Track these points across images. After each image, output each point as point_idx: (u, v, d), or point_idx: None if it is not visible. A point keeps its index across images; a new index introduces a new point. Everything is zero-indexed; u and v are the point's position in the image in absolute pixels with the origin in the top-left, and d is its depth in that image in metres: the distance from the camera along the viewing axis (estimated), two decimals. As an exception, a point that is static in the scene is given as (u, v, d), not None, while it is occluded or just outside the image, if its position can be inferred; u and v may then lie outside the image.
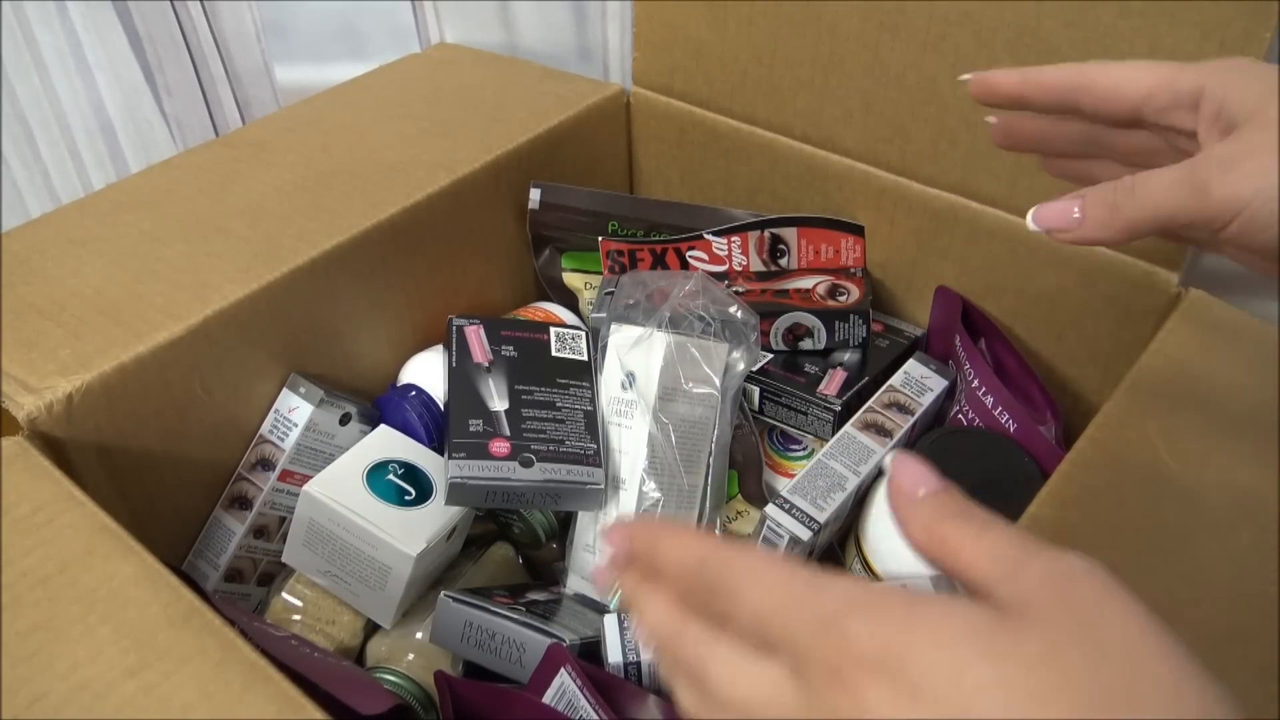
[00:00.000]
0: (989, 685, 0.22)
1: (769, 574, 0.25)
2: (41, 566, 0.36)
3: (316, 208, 0.55)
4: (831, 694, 0.23)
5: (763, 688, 0.24)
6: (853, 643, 0.23)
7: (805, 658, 0.23)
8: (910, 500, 0.28)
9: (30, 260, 0.51)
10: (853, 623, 0.23)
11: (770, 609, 0.24)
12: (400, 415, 0.56)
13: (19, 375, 0.44)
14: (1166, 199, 0.32)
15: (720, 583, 0.25)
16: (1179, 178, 0.32)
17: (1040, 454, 0.49)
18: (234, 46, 0.84)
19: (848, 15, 0.56)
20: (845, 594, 0.24)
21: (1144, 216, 0.33)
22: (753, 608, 0.24)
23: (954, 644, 0.22)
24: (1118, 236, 0.34)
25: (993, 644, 0.22)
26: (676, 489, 0.51)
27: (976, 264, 0.57)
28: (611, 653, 0.44)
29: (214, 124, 0.89)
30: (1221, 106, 0.32)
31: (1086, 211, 0.34)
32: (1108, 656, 0.22)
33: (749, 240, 0.60)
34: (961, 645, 0.22)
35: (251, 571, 0.55)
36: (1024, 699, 0.21)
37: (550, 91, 0.67)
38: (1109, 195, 0.33)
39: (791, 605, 0.24)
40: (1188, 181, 0.31)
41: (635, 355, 0.53)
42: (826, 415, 0.55)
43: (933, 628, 0.23)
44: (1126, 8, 0.47)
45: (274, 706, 0.31)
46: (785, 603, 0.24)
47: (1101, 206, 0.34)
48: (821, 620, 0.23)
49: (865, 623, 0.23)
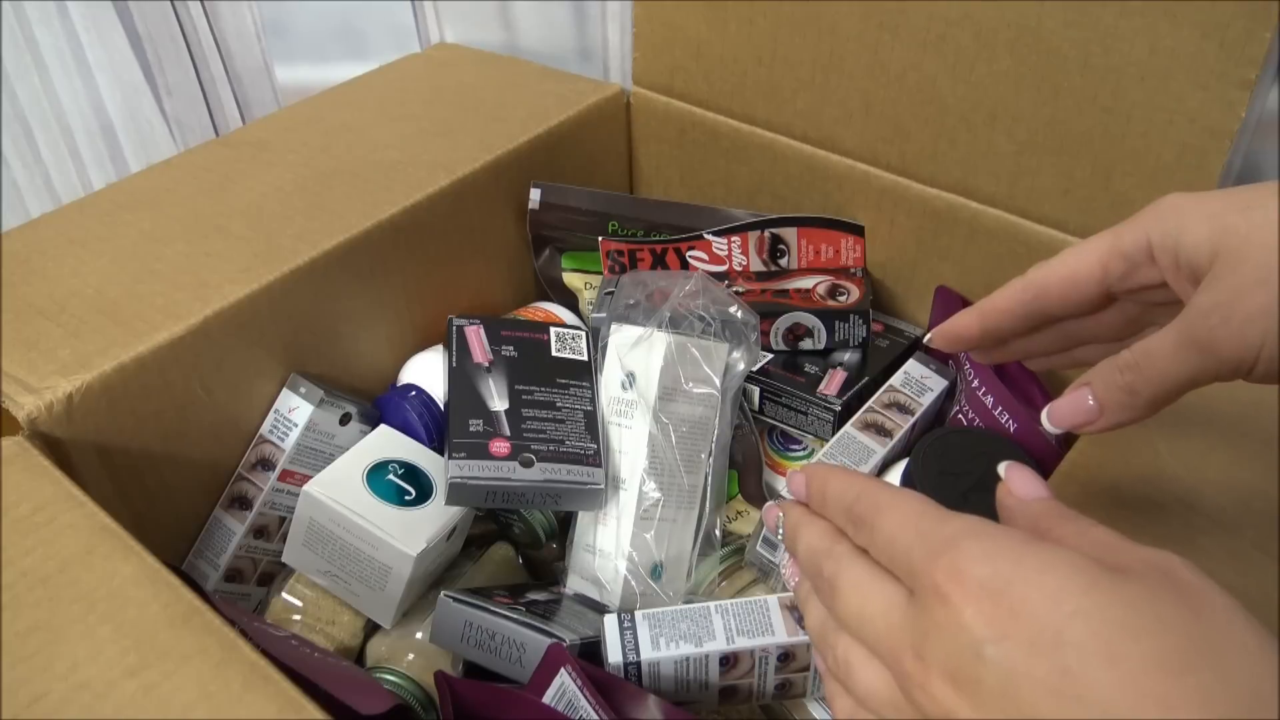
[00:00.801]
0: (1086, 611, 0.23)
1: (904, 506, 0.28)
2: (41, 566, 0.36)
3: (316, 208, 0.55)
4: (935, 612, 0.25)
5: (877, 604, 0.27)
6: (964, 565, 0.24)
7: (920, 581, 0.25)
8: (1022, 501, 0.29)
9: (30, 260, 0.51)
10: (968, 547, 0.25)
11: (897, 536, 0.27)
12: (400, 415, 0.56)
13: (19, 375, 0.44)
14: (1179, 369, 0.31)
15: (865, 514, 0.29)
16: (1179, 343, 0.31)
17: (1040, 454, 0.49)
18: (234, 46, 0.84)
19: (848, 15, 0.56)
20: (967, 524, 0.26)
21: (1164, 390, 0.32)
22: (886, 535, 0.27)
23: (1060, 574, 0.24)
24: (1145, 415, 0.33)
25: (1096, 581, 0.23)
26: (676, 489, 0.51)
27: (976, 264, 0.57)
28: (611, 653, 0.44)
29: (214, 124, 0.89)
30: (1177, 254, 0.32)
31: (1102, 401, 0.33)
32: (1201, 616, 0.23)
33: (749, 240, 0.60)
34: (1067, 577, 0.24)
35: (251, 571, 0.55)
36: (1116, 630, 0.22)
37: (550, 91, 0.67)
38: (1119, 379, 0.32)
39: (915, 533, 0.26)
40: (1190, 345, 0.31)
41: (635, 355, 0.53)
42: (826, 415, 0.55)
43: (1043, 558, 0.24)
44: (1126, 8, 0.47)
45: (274, 706, 0.31)
46: (911, 531, 0.27)
47: (1118, 392, 0.32)
48: (940, 545, 0.25)
49: (979, 547, 0.25)
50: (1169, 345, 0.31)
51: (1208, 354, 0.30)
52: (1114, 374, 0.32)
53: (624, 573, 0.50)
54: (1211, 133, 0.47)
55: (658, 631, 0.44)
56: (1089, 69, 0.49)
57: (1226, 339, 0.30)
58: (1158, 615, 0.23)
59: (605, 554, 0.51)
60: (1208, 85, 0.46)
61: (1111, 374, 0.32)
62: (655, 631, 0.44)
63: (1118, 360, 0.32)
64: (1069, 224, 0.53)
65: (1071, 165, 0.52)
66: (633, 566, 0.50)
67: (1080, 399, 0.33)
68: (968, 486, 0.47)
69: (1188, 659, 0.22)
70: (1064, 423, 0.34)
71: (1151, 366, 0.32)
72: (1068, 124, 0.51)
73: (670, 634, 0.44)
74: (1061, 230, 0.53)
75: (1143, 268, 0.33)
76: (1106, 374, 0.33)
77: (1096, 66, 0.49)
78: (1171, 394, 0.32)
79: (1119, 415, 0.33)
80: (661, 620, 0.44)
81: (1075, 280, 0.35)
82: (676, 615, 0.44)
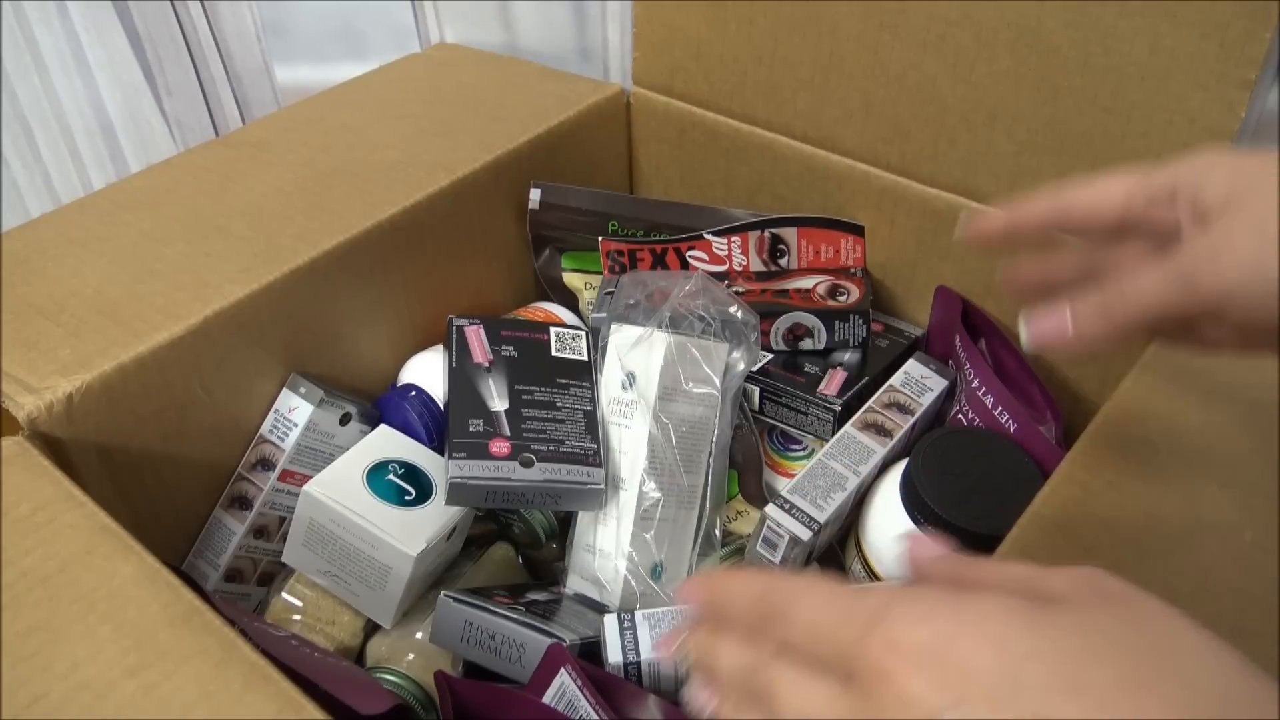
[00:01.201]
0: (1037, 651, 0.22)
1: (816, 589, 0.26)
2: (41, 566, 0.36)
3: (316, 208, 0.55)
4: (881, 692, 0.23)
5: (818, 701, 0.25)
6: (899, 635, 0.23)
7: (856, 663, 0.24)
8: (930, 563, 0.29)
9: (30, 260, 0.51)
10: (898, 613, 0.24)
11: (819, 620, 0.25)
12: (400, 415, 0.56)
13: (19, 375, 0.44)
14: (1156, 296, 0.32)
15: (776, 607, 0.27)
16: (1166, 273, 0.32)
17: (1040, 454, 0.49)
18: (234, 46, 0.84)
19: (848, 15, 0.56)
20: (887, 595, 0.25)
21: (1136, 317, 0.33)
22: (805, 627, 0.26)
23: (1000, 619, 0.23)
24: (1111, 338, 0.34)
25: (1036, 619, 0.23)
26: (676, 489, 0.51)
27: (976, 264, 0.57)
28: (611, 653, 0.44)
29: (214, 124, 0.89)
30: (1195, 198, 0.33)
31: (1077, 320, 0.34)
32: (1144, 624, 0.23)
33: (749, 240, 0.60)
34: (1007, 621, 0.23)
35: (251, 571, 0.55)
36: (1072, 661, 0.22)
37: (550, 91, 0.67)
38: (1097, 302, 0.34)
39: (838, 613, 0.25)
40: (1175, 276, 0.32)
41: (635, 355, 0.53)
42: (826, 415, 0.55)
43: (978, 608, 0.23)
44: (1126, 8, 0.47)
45: (274, 706, 0.31)
46: (832, 612, 0.25)
47: (1092, 314, 0.34)
48: (868, 619, 0.24)
49: (911, 611, 0.24)
50: (1155, 275, 0.32)
51: (1187, 287, 0.31)
52: (1093, 296, 0.34)
53: (624, 573, 0.50)
54: (1211, 133, 0.47)
55: (658, 632, 0.44)
56: (1089, 69, 0.49)
57: (1208, 274, 0.31)
58: (1106, 636, 0.22)
59: (605, 554, 0.51)
60: (1208, 85, 0.46)
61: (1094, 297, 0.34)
62: (655, 632, 0.44)
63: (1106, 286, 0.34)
64: (1069, 224, 0.53)
65: (1071, 165, 0.52)
66: (633, 566, 0.50)
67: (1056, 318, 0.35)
68: (968, 486, 0.47)
69: (1149, 673, 0.22)
70: (1039, 340, 0.35)
71: (1133, 291, 0.33)
72: (1068, 124, 0.51)
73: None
74: (1061, 230, 0.53)
75: (1161, 207, 0.34)
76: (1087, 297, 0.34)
77: (1096, 66, 0.49)
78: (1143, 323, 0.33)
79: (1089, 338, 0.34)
80: (661, 620, 0.44)
81: (1097, 203, 0.36)
82: (676, 615, 0.44)
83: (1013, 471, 0.48)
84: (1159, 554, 0.38)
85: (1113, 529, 0.38)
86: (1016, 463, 0.49)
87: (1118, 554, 0.37)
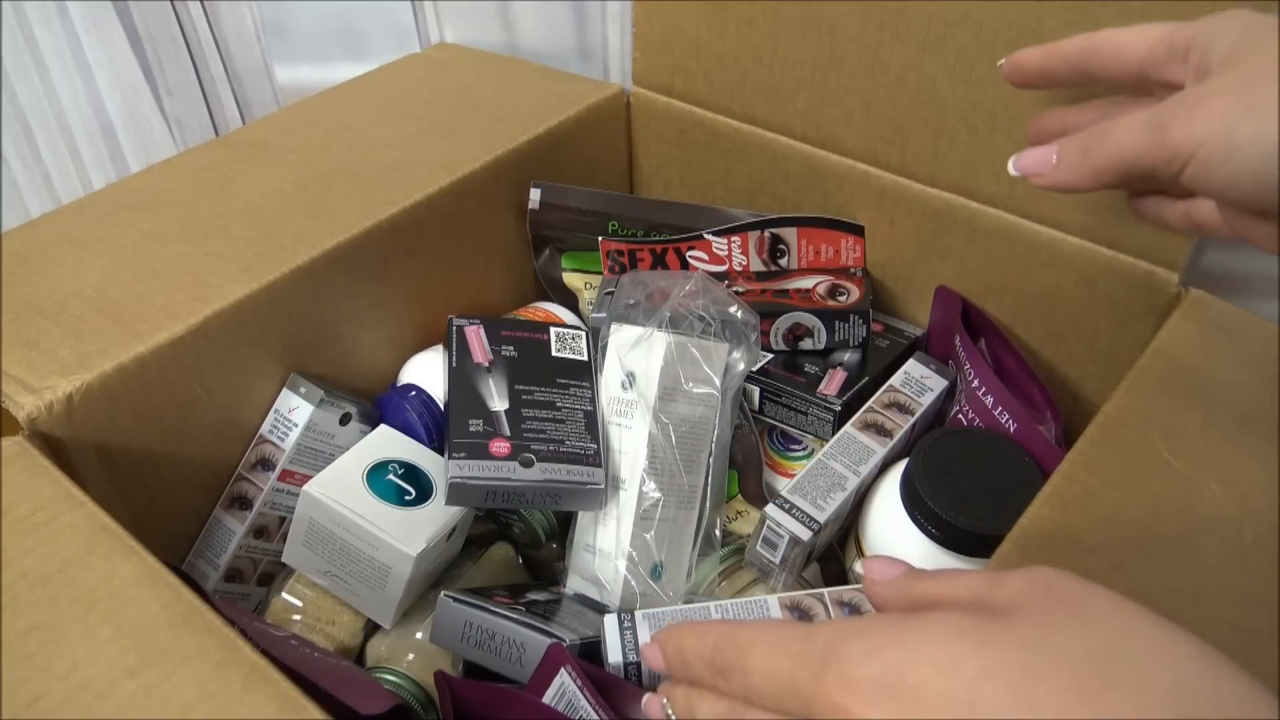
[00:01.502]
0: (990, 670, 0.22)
1: (765, 636, 0.26)
2: (41, 566, 0.36)
3: (316, 208, 0.55)
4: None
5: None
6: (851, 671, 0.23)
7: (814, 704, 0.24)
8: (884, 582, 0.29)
9: (30, 260, 0.51)
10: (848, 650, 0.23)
11: (773, 668, 0.25)
12: (400, 415, 0.56)
13: (19, 375, 0.44)
14: (1130, 141, 0.32)
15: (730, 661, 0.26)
16: (1145, 119, 0.31)
17: (1040, 454, 0.49)
18: (234, 46, 0.84)
19: (848, 15, 0.56)
20: (835, 629, 0.24)
21: (1110, 160, 0.32)
22: (761, 672, 0.25)
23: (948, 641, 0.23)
24: (1087, 181, 0.34)
25: (985, 636, 0.23)
26: (676, 489, 0.51)
27: (976, 264, 0.57)
28: (611, 653, 0.44)
29: (214, 124, 0.89)
30: (1204, 55, 0.32)
31: (1061, 156, 0.34)
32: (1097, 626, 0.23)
33: (749, 240, 0.60)
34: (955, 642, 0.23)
35: (251, 571, 0.55)
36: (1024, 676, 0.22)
37: (550, 91, 0.67)
38: (1082, 139, 0.34)
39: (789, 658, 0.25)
40: (1152, 122, 0.31)
41: (635, 355, 0.53)
42: (826, 415, 0.55)
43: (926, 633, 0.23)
44: (1126, 8, 0.47)
45: (274, 706, 0.31)
46: (783, 657, 0.25)
47: (1074, 151, 0.34)
48: (819, 659, 0.24)
49: (859, 646, 0.23)
50: (1134, 119, 0.32)
51: (1158, 134, 0.31)
52: (1083, 136, 0.34)
53: (624, 573, 0.50)
54: (1211, 133, 0.47)
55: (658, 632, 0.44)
56: (1089, 69, 0.49)
57: (1179, 125, 0.30)
58: (1058, 645, 0.22)
59: (605, 554, 0.51)
60: (1208, 85, 0.46)
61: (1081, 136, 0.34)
62: (655, 632, 0.44)
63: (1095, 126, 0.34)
64: (1069, 224, 0.53)
65: (1071, 165, 0.52)
66: (633, 566, 0.50)
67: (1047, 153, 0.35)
68: (968, 486, 0.47)
69: (1103, 678, 0.21)
70: (1024, 168, 0.36)
71: (1112, 132, 0.32)
72: (1068, 124, 0.51)
73: (670, 634, 0.44)
74: (1062, 230, 0.53)
75: (1177, 64, 0.34)
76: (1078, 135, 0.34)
77: (1096, 66, 0.49)
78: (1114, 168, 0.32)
79: (1067, 174, 0.34)
80: (661, 620, 0.44)
81: (1123, 51, 0.35)
82: (676, 615, 0.44)
83: (1013, 471, 0.48)
84: (1159, 554, 0.38)
85: (1113, 529, 0.38)
86: (1016, 463, 0.49)
87: (1118, 554, 0.38)
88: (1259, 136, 0.29)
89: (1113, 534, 0.38)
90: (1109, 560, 0.37)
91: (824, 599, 0.45)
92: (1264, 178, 0.29)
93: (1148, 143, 0.31)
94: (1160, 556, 0.37)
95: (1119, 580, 0.36)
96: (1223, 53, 0.31)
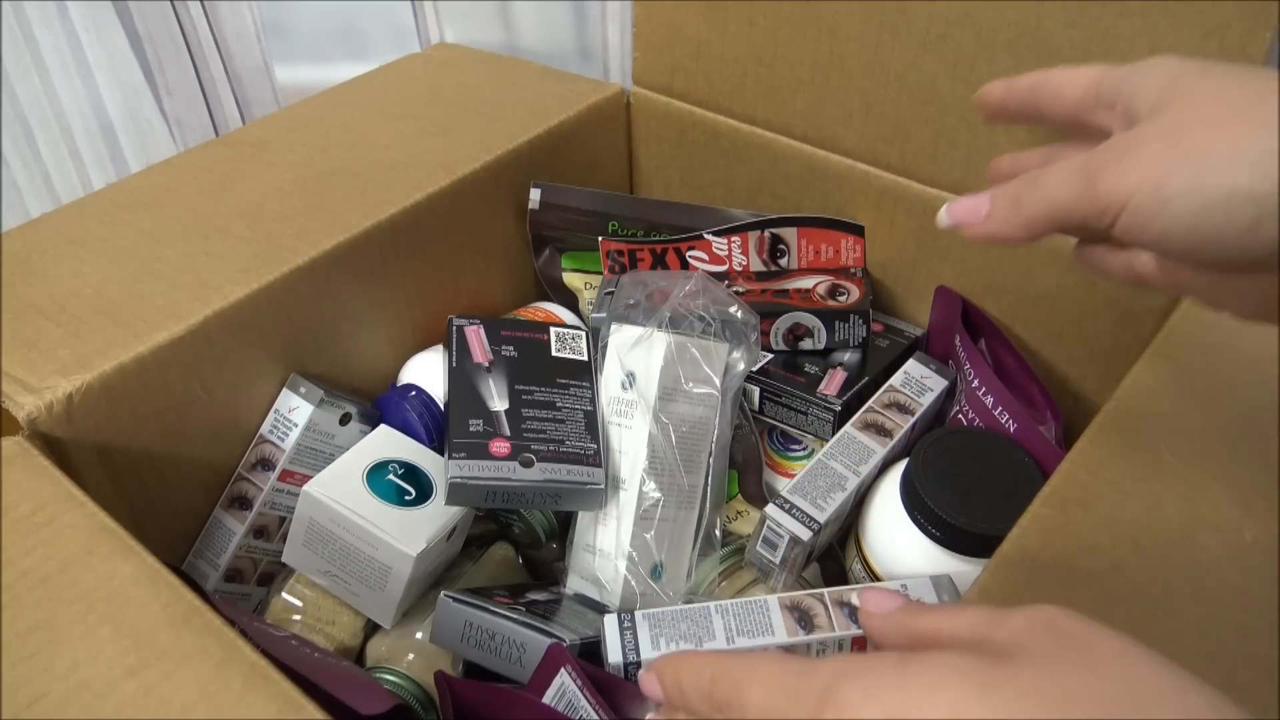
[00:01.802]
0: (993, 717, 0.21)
1: (763, 672, 0.25)
2: (41, 566, 0.36)
3: (316, 208, 0.55)
4: None
5: None
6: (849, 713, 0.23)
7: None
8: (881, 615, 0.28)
9: (30, 260, 0.51)
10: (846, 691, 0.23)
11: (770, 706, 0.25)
12: (400, 415, 0.56)
13: (19, 375, 0.44)
14: (1060, 191, 0.30)
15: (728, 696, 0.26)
16: (1074, 169, 0.30)
17: (1040, 454, 0.49)
18: (234, 46, 0.84)
19: (848, 15, 0.56)
20: (835, 668, 0.24)
21: (1040, 211, 0.31)
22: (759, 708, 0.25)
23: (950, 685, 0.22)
24: (1019, 232, 0.32)
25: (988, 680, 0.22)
26: (676, 489, 0.51)
27: (976, 264, 0.57)
28: (611, 653, 0.44)
29: (214, 124, 0.89)
30: (1130, 102, 0.31)
31: (993, 206, 0.33)
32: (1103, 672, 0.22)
33: (749, 240, 0.60)
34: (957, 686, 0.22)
35: (251, 571, 0.55)
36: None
37: (550, 91, 0.67)
38: (1013, 188, 0.32)
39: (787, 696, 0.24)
40: (1081, 172, 0.30)
41: (635, 355, 0.53)
42: (826, 415, 0.55)
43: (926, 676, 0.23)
44: (1126, 8, 0.47)
45: (274, 706, 0.31)
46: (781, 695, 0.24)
47: (1005, 201, 0.32)
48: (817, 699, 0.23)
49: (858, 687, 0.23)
50: (1064, 168, 0.30)
51: (1087, 185, 0.29)
52: (1014, 185, 0.32)
53: (624, 573, 0.50)
54: (1211, 133, 0.47)
55: (658, 632, 0.44)
56: (1089, 69, 0.49)
57: (1108, 175, 0.29)
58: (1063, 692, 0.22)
59: (605, 554, 0.51)
60: (1208, 85, 0.46)
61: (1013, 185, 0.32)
62: (655, 632, 0.44)
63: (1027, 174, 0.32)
64: (1069, 224, 0.53)
65: (1071, 165, 0.52)
66: (633, 566, 0.50)
67: (978, 199, 0.33)
68: (968, 486, 0.47)
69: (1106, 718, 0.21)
70: (956, 218, 0.34)
71: (1043, 181, 0.31)
72: (1068, 124, 0.51)
73: (670, 634, 0.44)
74: (1061, 230, 0.53)
75: (1104, 110, 0.33)
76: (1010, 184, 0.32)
77: (1096, 66, 0.49)
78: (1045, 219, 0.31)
79: (999, 225, 0.32)
80: (661, 620, 0.44)
81: (1061, 89, 0.34)
82: (676, 615, 0.44)
83: (1013, 471, 0.48)
84: (1159, 554, 0.38)
85: (1113, 529, 0.38)
86: (1016, 463, 0.49)
87: (1118, 554, 0.38)
88: (1191, 188, 0.27)
89: (1113, 534, 0.38)
90: (1109, 560, 0.37)
91: (824, 599, 0.45)
92: (1197, 230, 0.27)
93: (1077, 193, 0.30)
94: (1160, 556, 0.37)
95: (1119, 580, 0.36)
96: (1150, 99, 0.30)
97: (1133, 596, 0.36)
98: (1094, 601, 0.36)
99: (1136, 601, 0.36)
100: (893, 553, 0.49)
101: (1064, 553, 0.38)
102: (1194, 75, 0.29)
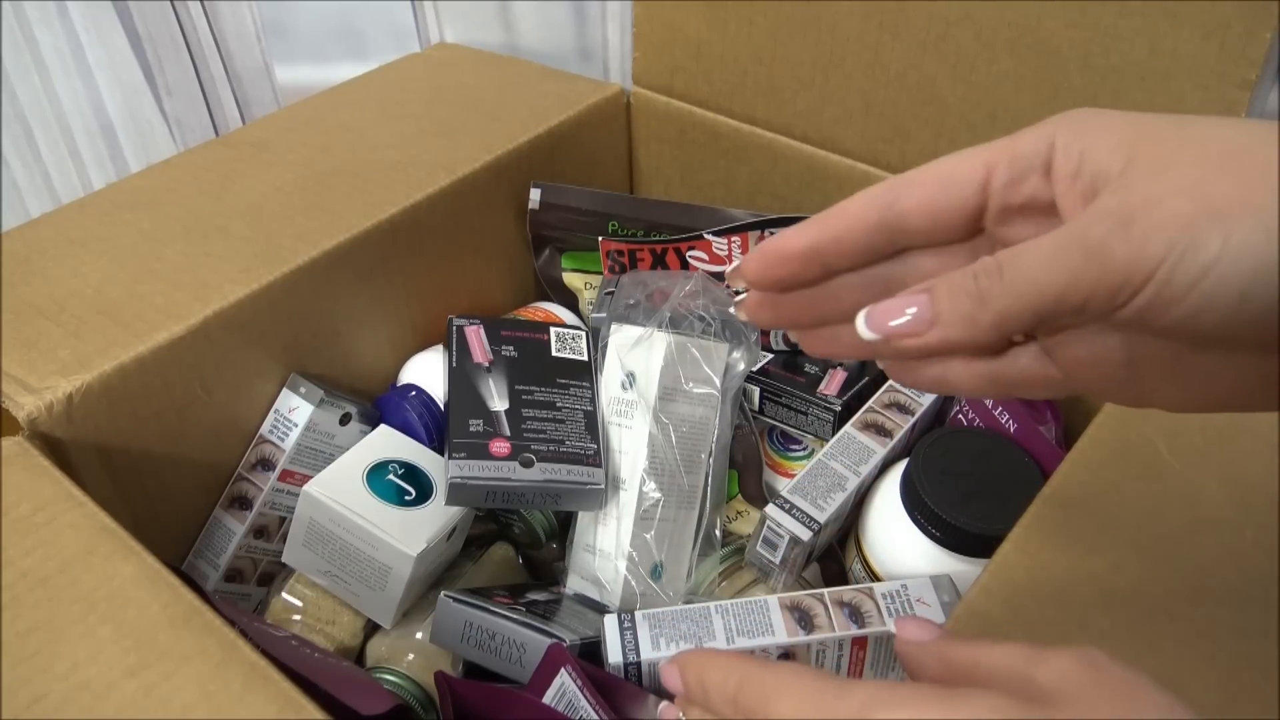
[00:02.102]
0: None
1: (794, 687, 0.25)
2: (41, 566, 0.36)
3: (316, 208, 0.55)
4: None
5: None
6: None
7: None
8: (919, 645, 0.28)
9: (30, 260, 0.51)
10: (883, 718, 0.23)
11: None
12: (400, 415, 0.56)
13: (19, 375, 0.44)
14: (1052, 273, 0.24)
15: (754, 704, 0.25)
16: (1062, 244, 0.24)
17: (1040, 454, 0.49)
18: (234, 46, 0.84)
19: (848, 15, 0.56)
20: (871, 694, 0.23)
21: (1023, 303, 0.24)
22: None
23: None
24: (986, 335, 0.25)
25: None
26: (676, 489, 0.51)
27: (976, 264, 0.57)
28: (611, 653, 0.44)
29: (214, 124, 0.89)
30: (1081, 161, 0.25)
31: (941, 306, 0.26)
32: None
33: (749, 240, 0.60)
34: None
35: (251, 571, 0.55)
36: None
37: (550, 91, 0.67)
38: (968, 283, 0.25)
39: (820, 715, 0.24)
40: (1076, 247, 0.24)
41: (635, 355, 0.53)
42: (826, 415, 0.55)
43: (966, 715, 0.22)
44: (1126, 8, 0.47)
45: (274, 706, 0.31)
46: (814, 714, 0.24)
47: (963, 298, 0.25)
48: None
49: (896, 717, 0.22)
50: (1047, 247, 0.24)
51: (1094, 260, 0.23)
52: (965, 278, 0.25)
53: (624, 573, 0.50)
54: (1211, 133, 0.47)
55: (658, 632, 0.44)
56: (1089, 69, 0.49)
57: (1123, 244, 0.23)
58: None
59: (605, 554, 0.51)
60: (1208, 85, 0.46)
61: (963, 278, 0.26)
62: (655, 632, 0.44)
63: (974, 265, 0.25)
64: (1069, 224, 0.53)
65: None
66: (633, 566, 0.50)
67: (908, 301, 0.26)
68: (968, 487, 0.47)
69: None
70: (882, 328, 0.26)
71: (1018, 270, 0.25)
72: (1068, 124, 0.51)
73: (670, 634, 0.44)
74: (1061, 230, 0.53)
75: (1032, 179, 0.27)
76: (956, 278, 0.26)
77: (1096, 66, 0.49)
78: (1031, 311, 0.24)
79: (954, 329, 0.26)
80: (661, 620, 0.44)
81: (951, 183, 0.28)
82: (676, 615, 0.44)
83: (1013, 471, 0.48)
84: (1159, 554, 0.38)
85: (1113, 529, 0.38)
86: (1016, 463, 0.49)
87: (1118, 554, 0.38)
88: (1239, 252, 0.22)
89: (1113, 534, 0.38)
90: (1109, 560, 0.37)
91: (824, 599, 0.45)
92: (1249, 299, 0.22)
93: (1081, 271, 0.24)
94: (1160, 557, 0.37)
95: (1119, 580, 0.36)
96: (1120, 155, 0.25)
97: (1133, 596, 0.36)
98: (1094, 602, 0.36)
99: (1136, 601, 0.36)
100: (893, 553, 0.49)
101: (1064, 552, 0.38)
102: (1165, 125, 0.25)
